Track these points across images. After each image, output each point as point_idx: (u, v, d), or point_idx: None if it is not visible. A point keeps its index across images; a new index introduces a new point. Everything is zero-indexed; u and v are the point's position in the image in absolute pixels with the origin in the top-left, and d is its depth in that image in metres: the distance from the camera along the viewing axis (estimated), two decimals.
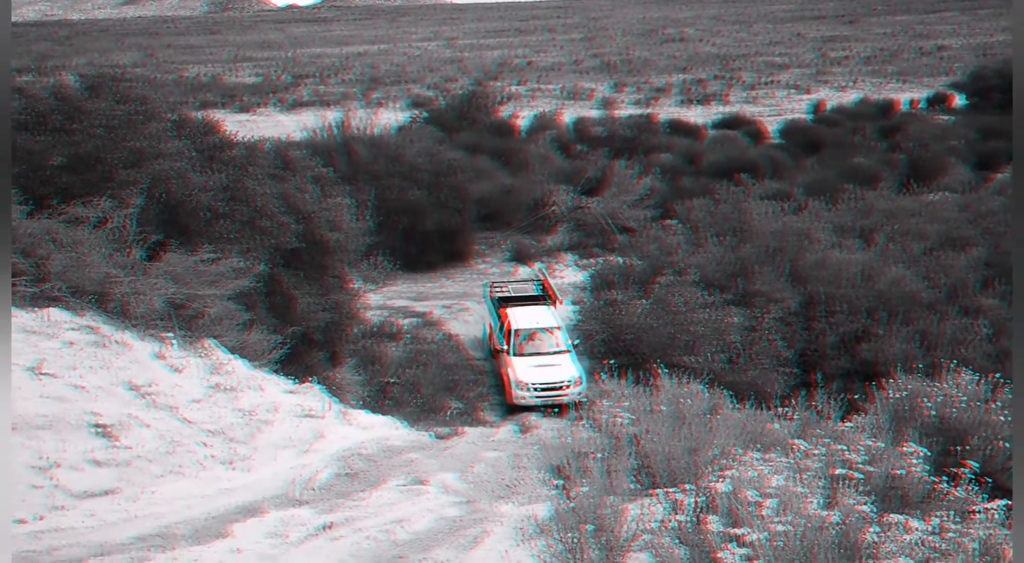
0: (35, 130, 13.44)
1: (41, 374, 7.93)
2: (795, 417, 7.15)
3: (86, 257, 10.31)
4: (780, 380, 16.14)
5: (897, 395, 7.71)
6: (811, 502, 3.30)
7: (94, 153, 13.25)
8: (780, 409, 7.54)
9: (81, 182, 12.75)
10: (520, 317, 19.41)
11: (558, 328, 19.11)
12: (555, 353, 18.47)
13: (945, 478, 5.13)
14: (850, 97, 58.69)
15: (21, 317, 8.99)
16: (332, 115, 35.98)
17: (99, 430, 7.36)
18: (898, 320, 16.85)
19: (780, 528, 3.03)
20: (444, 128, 38.83)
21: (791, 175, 35.55)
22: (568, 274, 30.39)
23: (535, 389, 17.58)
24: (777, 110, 57.19)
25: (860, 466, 4.49)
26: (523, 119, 47.21)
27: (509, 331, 19.08)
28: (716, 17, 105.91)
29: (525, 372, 17.90)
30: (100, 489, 6.65)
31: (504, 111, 47.01)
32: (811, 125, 46.56)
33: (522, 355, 18.48)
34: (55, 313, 9.39)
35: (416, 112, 46.29)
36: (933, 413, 7.36)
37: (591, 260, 30.08)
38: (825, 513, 3.03)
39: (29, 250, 10.07)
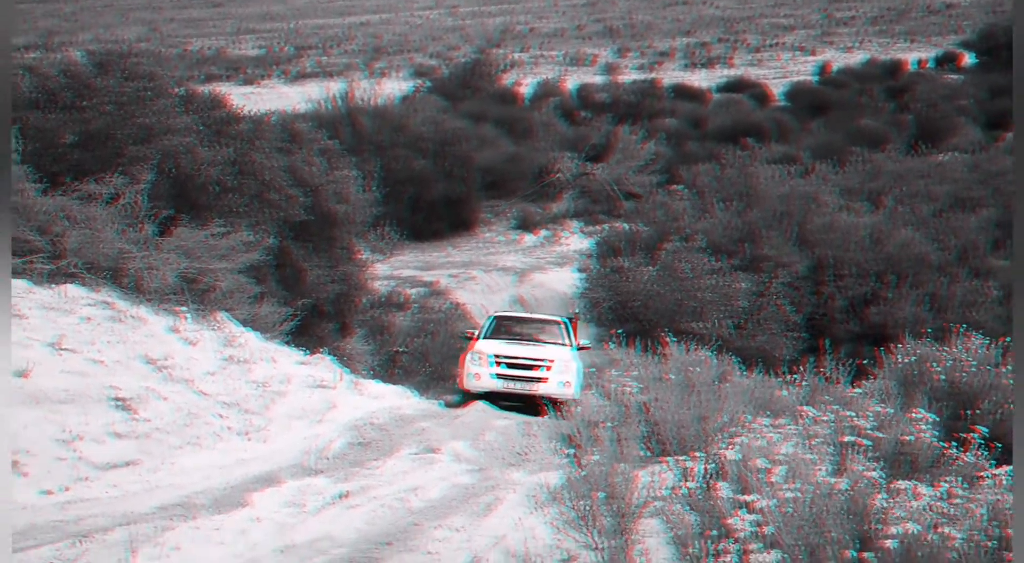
0: (46, 108, 13.50)
1: (61, 349, 8.09)
2: (804, 383, 7.24)
3: (100, 233, 10.45)
4: (788, 345, 16.25)
5: (906, 360, 7.79)
6: (820, 469, 3.41)
7: (104, 130, 13.33)
8: (789, 375, 7.64)
9: (93, 159, 12.85)
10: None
11: (562, 344, 13.96)
12: (546, 343, 13.89)
13: (954, 443, 5.22)
14: (857, 58, 58.17)
15: (39, 293, 9.14)
16: (336, 86, 35.89)
17: (119, 403, 7.52)
18: (907, 283, 16.90)
19: (789, 495, 3.14)
20: (448, 97, 38.70)
21: (797, 138, 35.41)
22: (574, 241, 30.42)
23: (497, 364, 13.02)
24: (782, 73, 56.74)
25: (869, 432, 4.58)
26: (526, 86, 47.00)
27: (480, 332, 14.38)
28: None
29: (487, 345, 13.45)
30: (122, 460, 6.82)
31: (507, 79, 46.77)
32: (817, 87, 46.22)
33: (495, 339, 13.84)
34: (72, 289, 9.54)
35: (419, 81, 46.12)
36: (943, 377, 7.44)
37: (597, 227, 30.11)
38: (833, 480, 3.14)
39: (45, 227, 10.21)
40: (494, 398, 13.13)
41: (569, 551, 3.91)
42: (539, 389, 12.98)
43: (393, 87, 43.99)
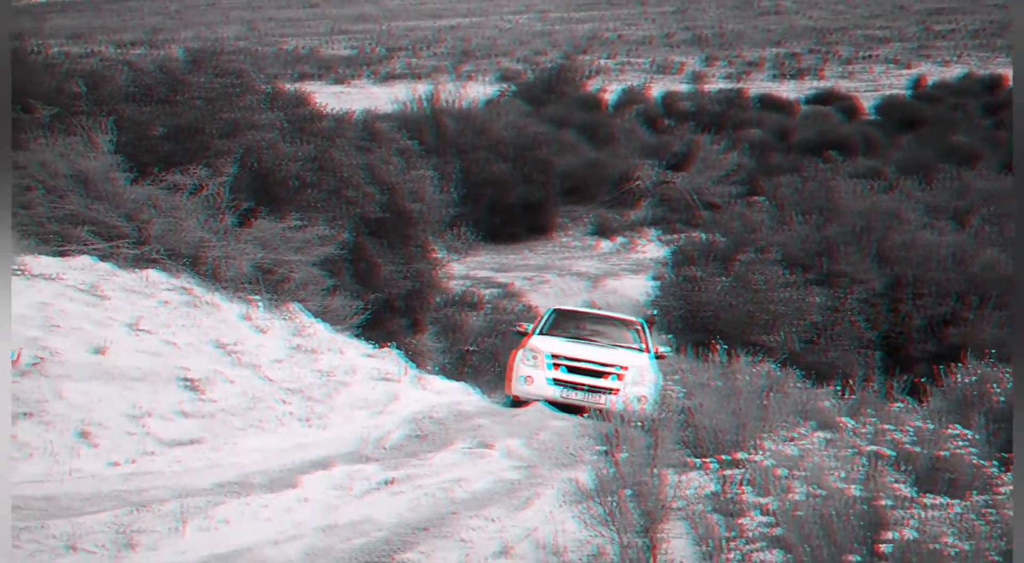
0: (141, 101, 14.13)
1: (138, 330, 8.48)
2: (852, 397, 7.17)
3: (183, 222, 10.91)
4: (862, 362, 15.92)
5: (965, 380, 7.64)
6: (836, 475, 3.42)
7: (193, 124, 13.87)
8: (842, 389, 7.58)
9: (181, 151, 13.39)
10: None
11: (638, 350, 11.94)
12: (618, 347, 11.84)
13: (995, 462, 5.12)
14: (954, 72, 56.46)
15: (122, 277, 9.59)
16: (423, 88, 36.46)
17: (187, 384, 7.85)
18: (990, 304, 16.37)
19: (798, 497, 3.18)
20: (532, 102, 38.95)
21: (886, 153, 34.57)
22: (650, 249, 30.31)
23: (556, 367, 11.06)
24: (874, 86, 55.41)
25: (906, 446, 4.54)
26: (611, 93, 46.93)
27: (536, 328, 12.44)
28: None
29: (544, 342, 11.48)
30: (187, 438, 7.12)
31: (592, 85, 46.83)
32: (909, 101, 45.01)
33: (554, 336, 11.88)
34: (153, 274, 9.98)
35: (505, 86, 46.45)
36: (1002, 399, 7.27)
37: (674, 236, 29.96)
38: (844, 486, 3.16)
39: (132, 214, 10.71)
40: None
41: (598, 546, 3.99)
42: (607, 402, 10.29)
43: (479, 90, 44.49)
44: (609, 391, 10.87)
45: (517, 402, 11.28)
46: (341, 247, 13.43)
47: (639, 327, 12.70)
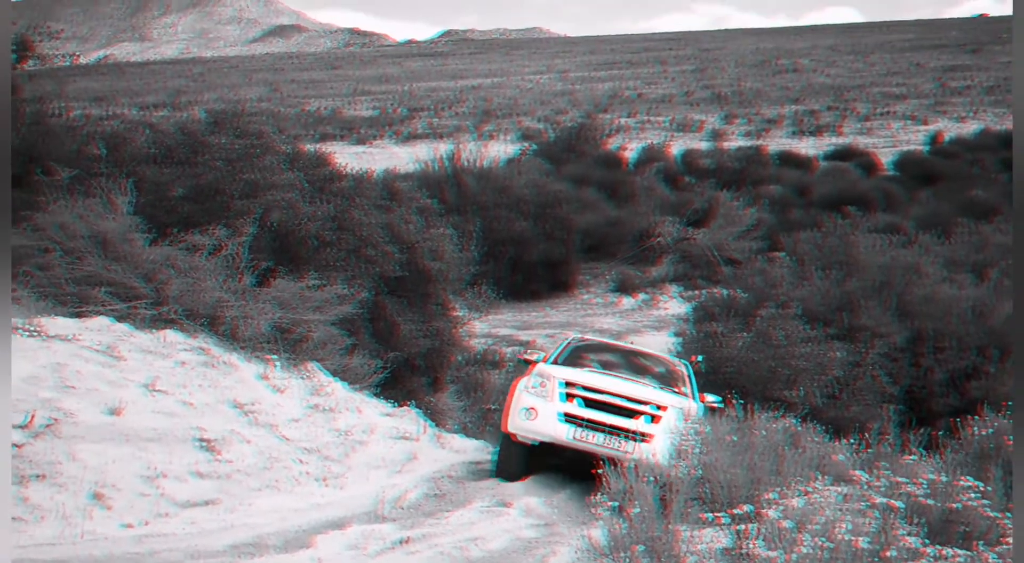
0: (161, 163, 14.36)
1: (154, 391, 8.50)
2: (869, 450, 7.08)
3: (201, 282, 10.99)
4: (884, 417, 15.70)
5: (982, 432, 7.53)
6: (842, 527, 3.35)
7: (213, 184, 14.06)
8: (857, 442, 7.50)
9: (201, 211, 13.54)
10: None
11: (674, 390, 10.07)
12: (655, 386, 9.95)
13: (1008, 514, 4.98)
14: (970, 128, 56.52)
15: (139, 337, 9.64)
16: (444, 147, 36.91)
17: (203, 444, 7.84)
18: (1011, 358, 16.16)
19: (806, 550, 3.11)
20: (552, 160, 39.34)
21: (904, 208, 34.52)
22: (672, 306, 30.23)
23: (570, 398, 9.08)
24: (892, 141, 55.55)
25: (920, 499, 4.46)
26: (631, 151, 47.34)
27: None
28: (832, 47, 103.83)
29: (560, 369, 9.58)
30: (201, 499, 7.09)
31: (612, 143, 47.22)
32: (927, 157, 45.02)
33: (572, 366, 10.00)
34: (170, 335, 10.03)
35: (525, 144, 47.01)
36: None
37: (695, 291, 29.87)
38: (852, 538, 3.09)
39: (150, 275, 10.80)
40: (551, 456, 9.32)
41: None
42: (635, 451, 8.21)
43: (499, 149, 44.96)
44: (640, 437, 8.59)
45: (510, 450, 9.19)
46: (360, 306, 13.46)
47: (683, 369, 10.79)
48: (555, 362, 10.04)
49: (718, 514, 4.15)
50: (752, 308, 19.18)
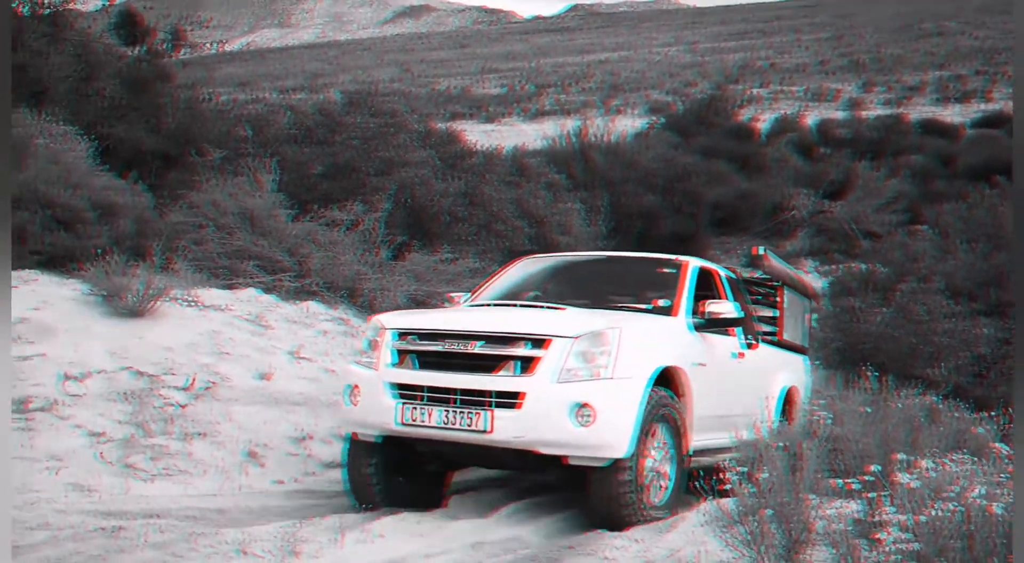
0: (301, 143, 15.02)
1: (299, 358, 8.98)
2: (1012, 426, 6.81)
3: (340, 256, 11.50)
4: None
5: None
6: (975, 491, 3.31)
7: (350, 162, 14.62)
8: (998, 415, 7.23)
9: (338, 188, 14.13)
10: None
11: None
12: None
13: None
14: None
15: (285, 308, 10.20)
16: (571, 123, 36.94)
17: None
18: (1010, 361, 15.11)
19: (936, 513, 3.10)
20: (681, 133, 38.77)
21: None
22: (807, 281, 29.54)
23: (407, 360, 5.76)
24: None
25: None
26: (764, 122, 46.16)
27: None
28: (981, 7, 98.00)
29: (398, 317, 6.16)
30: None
31: (744, 115, 46.18)
32: None
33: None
34: (313, 306, 10.55)
35: (654, 118, 46.50)
36: None
37: (832, 266, 29.02)
38: (986, 504, 3.05)
39: (293, 249, 11.37)
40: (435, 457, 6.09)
41: None
42: (497, 429, 5.30)
43: (627, 124, 44.65)
44: (501, 401, 5.31)
45: (355, 456, 6.04)
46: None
47: (682, 270, 6.80)
48: (478, 298, 7.03)
49: (848, 480, 4.14)
50: (892, 283, 18.52)
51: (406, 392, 5.63)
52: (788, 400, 8.09)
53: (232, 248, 10.86)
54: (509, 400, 5.32)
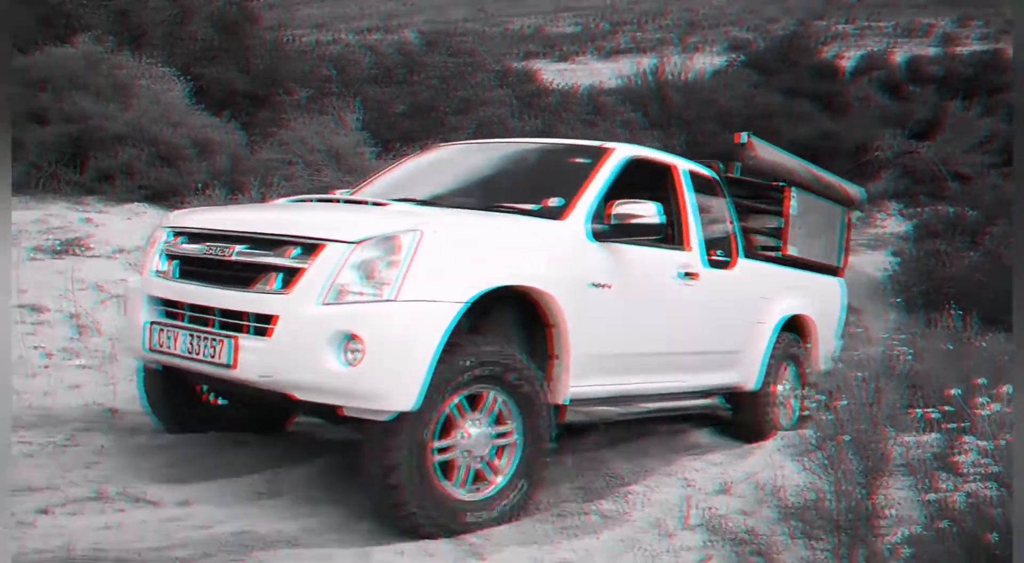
0: (382, 83, 15.27)
1: None
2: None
3: None
4: None
5: None
6: None
7: (429, 102, 14.83)
8: None
9: (419, 127, 14.37)
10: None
11: None
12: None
13: None
14: None
15: None
16: (647, 62, 36.37)
17: None
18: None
19: (1013, 437, 3.18)
20: (762, 71, 37.86)
21: None
22: (890, 224, 28.79)
23: (172, 266, 4.56)
24: None
25: None
26: (848, 60, 44.75)
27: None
28: None
29: (184, 216, 4.90)
30: None
31: (828, 52, 44.82)
32: None
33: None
34: None
35: (733, 56, 45.44)
36: None
37: (917, 209, 28.32)
38: None
39: None
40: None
41: (818, 491, 4.13)
42: (240, 363, 4.05)
43: (705, 62, 43.70)
44: (249, 325, 4.10)
45: (147, 380, 5.10)
46: None
47: (597, 159, 5.38)
48: (356, 194, 5.82)
49: (927, 409, 4.21)
50: (981, 226, 18.08)
51: (169, 309, 4.44)
52: (801, 332, 6.98)
53: (320, 184, 11.18)
54: (260, 325, 4.01)
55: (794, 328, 6.85)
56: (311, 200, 5.19)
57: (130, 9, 12.43)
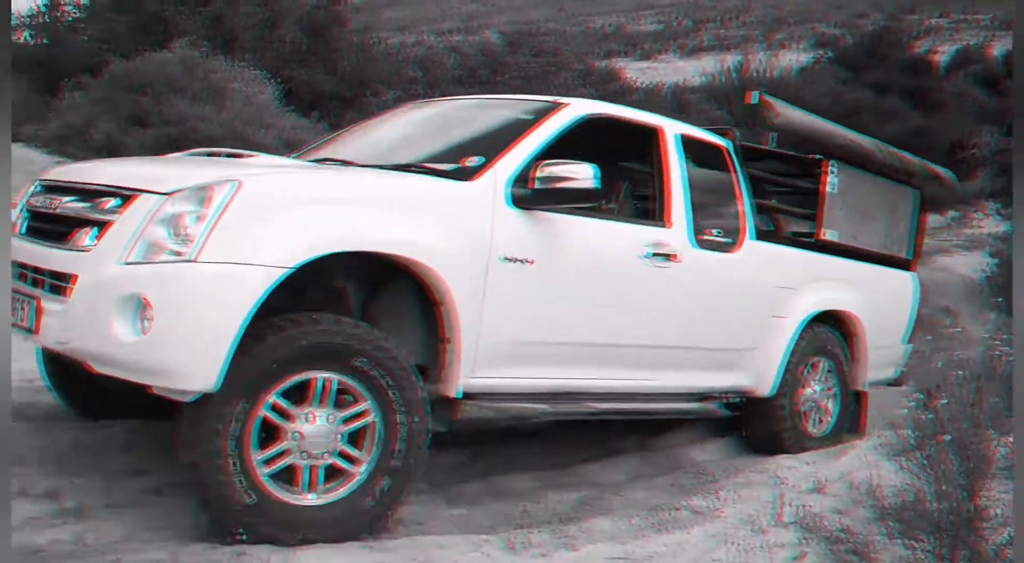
0: (466, 83, 15.44)
1: None
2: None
3: None
4: None
5: None
6: None
7: None
8: None
9: None
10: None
11: None
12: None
13: None
14: None
15: None
16: (731, 59, 35.91)
17: None
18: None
19: None
20: (850, 68, 37.06)
21: None
22: (987, 224, 27.85)
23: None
24: None
25: None
26: (943, 54, 43.42)
27: None
28: None
29: (76, 168, 4.42)
30: None
31: (920, 47, 43.59)
32: None
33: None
34: None
35: (820, 52, 44.54)
36: None
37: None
38: None
39: None
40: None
41: (916, 491, 4.05)
42: (44, 326, 3.55)
43: (791, 58, 42.92)
44: (51, 285, 3.60)
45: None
46: None
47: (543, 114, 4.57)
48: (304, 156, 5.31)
49: None
50: None
51: (18, 269, 3.80)
52: (846, 332, 5.92)
53: None
54: (59, 284, 3.53)
55: (836, 327, 5.85)
56: (200, 154, 4.59)
57: (223, 14, 12.85)
